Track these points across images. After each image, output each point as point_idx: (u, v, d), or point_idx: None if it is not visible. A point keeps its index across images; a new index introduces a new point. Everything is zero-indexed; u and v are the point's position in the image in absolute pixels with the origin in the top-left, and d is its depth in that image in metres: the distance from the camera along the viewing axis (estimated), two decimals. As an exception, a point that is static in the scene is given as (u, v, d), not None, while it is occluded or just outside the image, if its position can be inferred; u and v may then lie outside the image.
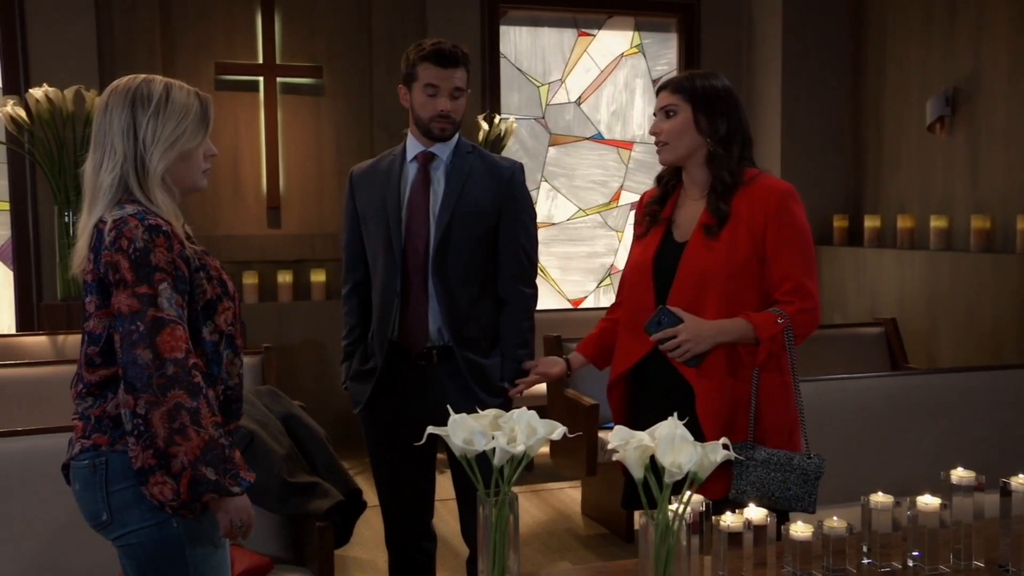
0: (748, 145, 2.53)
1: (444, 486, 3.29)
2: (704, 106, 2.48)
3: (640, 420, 2.57)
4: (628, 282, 2.64)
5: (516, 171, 2.95)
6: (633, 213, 6.83)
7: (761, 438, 2.43)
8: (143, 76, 2.04)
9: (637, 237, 2.66)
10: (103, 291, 1.93)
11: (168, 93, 2.01)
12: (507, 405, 2.88)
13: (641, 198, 2.74)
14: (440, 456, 3.50)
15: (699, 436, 2.09)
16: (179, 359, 1.87)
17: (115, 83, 2.04)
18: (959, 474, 1.97)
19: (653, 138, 2.58)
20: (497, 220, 2.89)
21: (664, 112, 2.53)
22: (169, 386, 1.85)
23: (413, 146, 2.91)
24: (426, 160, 2.89)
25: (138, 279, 1.88)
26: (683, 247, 2.49)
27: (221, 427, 1.92)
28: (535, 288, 3.01)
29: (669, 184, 2.62)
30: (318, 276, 6.10)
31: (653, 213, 2.61)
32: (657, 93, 2.59)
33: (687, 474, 1.59)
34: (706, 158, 2.50)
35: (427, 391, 2.89)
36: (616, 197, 6.95)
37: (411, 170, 2.90)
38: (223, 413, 2.02)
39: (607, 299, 6.95)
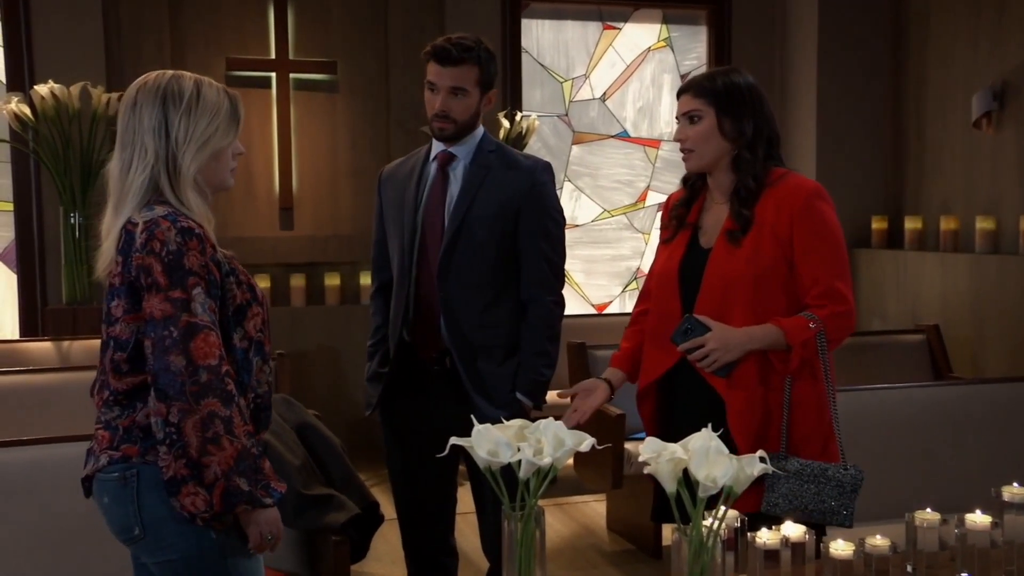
0: (775, 143, 2.53)
1: (463, 499, 3.29)
2: (729, 109, 2.48)
3: (671, 432, 2.56)
4: (654, 289, 2.64)
5: (539, 170, 2.93)
6: (660, 215, 6.87)
7: (794, 449, 2.42)
8: (171, 72, 2.06)
9: (663, 242, 2.67)
10: (133, 295, 1.95)
11: (199, 90, 2.03)
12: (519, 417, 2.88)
13: (667, 200, 2.74)
14: (462, 467, 3.50)
15: (730, 447, 2.08)
16: (213, 366, 1.89)
17: (142, 79, 2.05)
18: (1012, 490, 1.95)
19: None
20: (516, 222, 2.88)
21: (687, 118, 2.52)
22: (203, 394, 1.87)
23: (436, 146, 2.94)
24: (445, 160, 2.91)
25: (171, 283, 1.90)
26: (709, 253, 2.50)
27: (252, 436, 1.94)
28: (560, 297, 2.96)
29: (695, 186, 2.62)
30: (332, 280, 6.12)
31: (679, 217, 2.62)
32: (678, 96, 2.59)
33: (722, 488, 1.59)
34: (732, 163, 2.50)
35: (437, 398, 2.91)
36: (642, 198, 6.94)
37: (431, 171, 2.92)
38: (252, 422, 2.03)
39: (632, 304, 6.91)
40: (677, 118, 2.57)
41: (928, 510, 1.94)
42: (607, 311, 6.83)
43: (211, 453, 1.87)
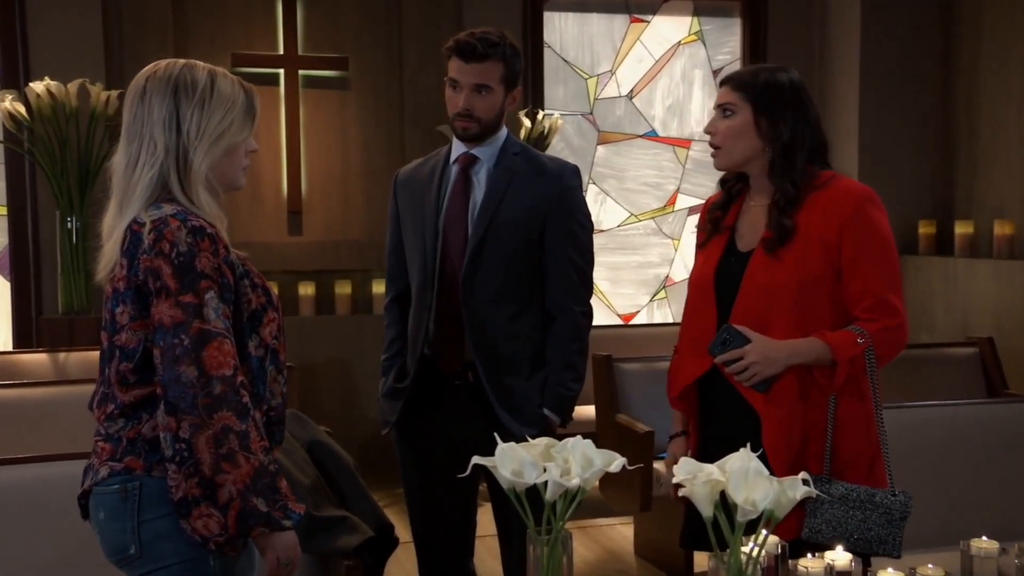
0: (820, 150, 2.50)
1: (481, 521, 3.28)
2: (767, 107, 2.46)
3: (702, 446, 2.57)
4: (689, 297, 2.63)
5: (567, 173, 2.93)
6: (690, 219, 6.91)
7: (838, 471, 2.40)
8: (183, 61, 2.03)
9: (699, 247, 2.66)
10: (140, 300, 1.92)
11: (213, 81, 2.01)
12: (546, 435, 2.87)
13: (705, 203, 2.73)
14: (482, 487, 3.49)
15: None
16: (227, 376, 1.86)
17: (152, 67, 2.03)
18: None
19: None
20: (542, 228, 2.88)
21: (721, 110, 2.52)
22: (216, 406, 1.84)
23: (456, 148, 2.93)
24: (467, 163, 2.90)
25: (182, 287, 1.87)
26: (747, 257, 2.48)
27: (268, 452, 1.91)
28: (588, 307, 2.97)
29: (734, 188, 2.61)
30: (343, 288, 6.13)
31: (715, 220, 2.60)
32: (720, 87, 2.58)
33: (761, 513, 1.58)
34: (767, 167, 2.49)
35: (459, 415, 2.90)
36: (672, 201, 6.92)
37: (452, 173, 2.92)
38: (266, 436, 2.00)
39: (661, 314, 6.92)
40: (714, 109, 2.56)
41: (984, 538, 1.92)
42: (634, 322, 6.81)
43: (225, 471, 1.83)
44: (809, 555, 1.85)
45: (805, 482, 1.62)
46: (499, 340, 2.86)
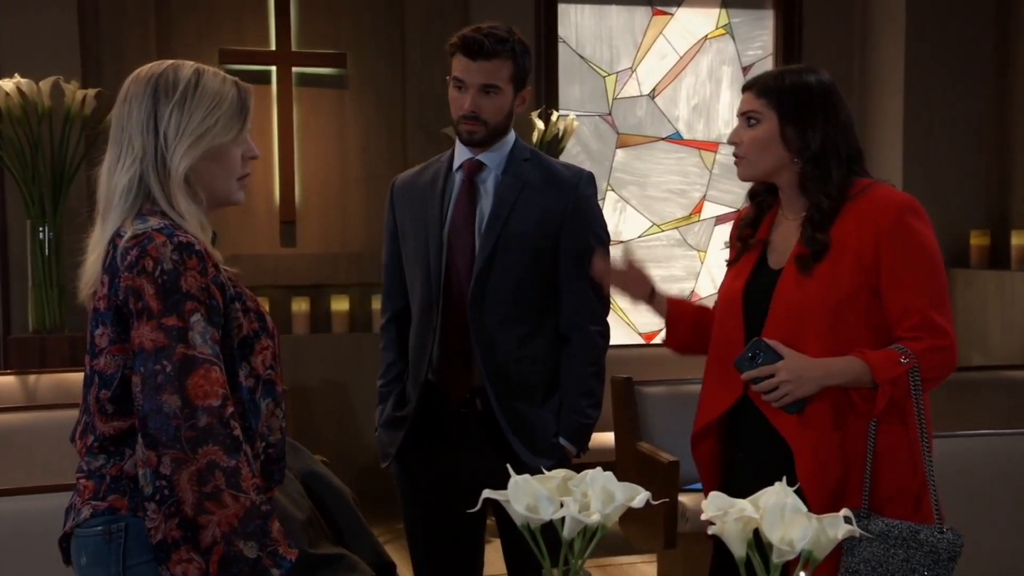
0: (855, 159, 2.51)
1: (490, 559, 3.28)
2: (794, 114, 2.47)
3: (731, 483, 2.55)
4: (718, 318, 2.63)
5: (583, 182, 2.94)
6: (718, 229, 6.91)
7: (879, 506, 2.39)
8: (171, 61, 2.05)
9: (729, 264, 2.67)
10: (120, 321, 1.91)
11: (199, 79, 2.01)
12: (563, 467, 2.86)
13: (736, 218, 2.74)
14: (489, 522, 3.49)
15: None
16: (213, 407, 1.84)
17: (138, 70, 2.05)
18: None
19: None
20: (556, 241, 2.89)
21: (745, 118, 2.53)
22: (201, 440, 1.82)
23: (460, 153, 2.93)
24: (473, 170, 2.91)
25: (166, 308, 1.86)
26: (778, 276, 2.49)
27: (262, 492, 1.90)
28: (606, 326, 2.98)
29: (764, 203, 2.63)
30: (340, 304, 6.13)
31: (744, 237, 2.62)
32: (742, 92, 2.59)
33: (799, 553, 1.57)
34: (798, 180, 2.49)
35: (466, 446, 2.90)
36: (697, 209, 6.93)
37: (456, 181, 2.92)
38: (262, 476, 1.99)
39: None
40: (738, 117, 2.58)
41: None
42: (656, 341, 6.80)
43: (209, 511, 1.81)
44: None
45: (847, 520, 1.62)
46: (511, 363, 2.87)
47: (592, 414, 2.93)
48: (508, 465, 1.75)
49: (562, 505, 1.65)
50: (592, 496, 1.66)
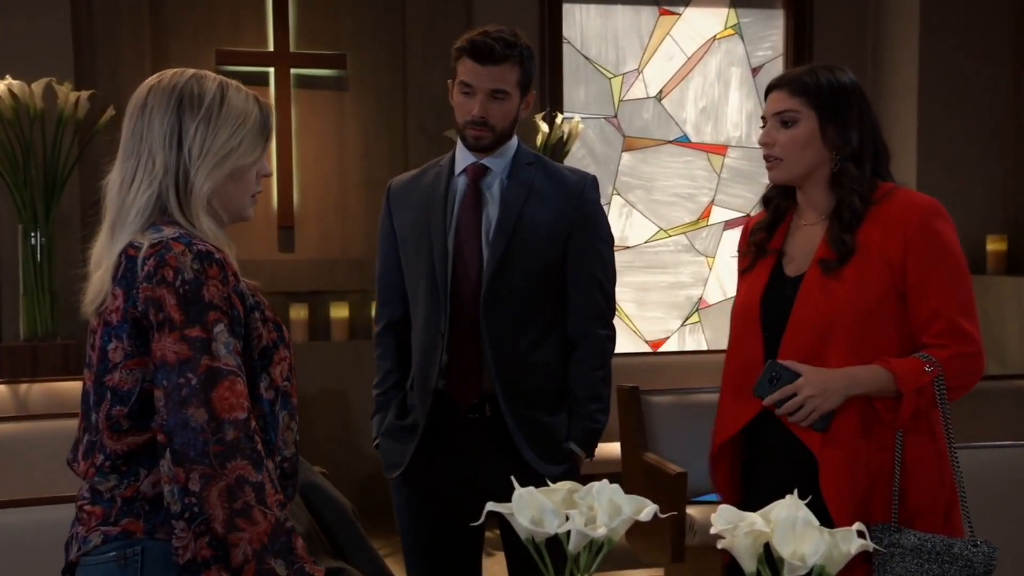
0: (883, 157, 2.52)
1: (493, 571, 3.27)
2: (833, 112, 2.47)
3: (752, 502, 2.54)
4: (734, 330, 2.63)
5: (588, 186, 2.97)
6: (726, 234, 6.90)
7: (908, 519, 2.39)
8: (192, 71, 2.02)
9: (742, 273, 2.66)
10: (138, 335, 1.88)
11: (224, 94, 2.00)
12: (573, 473, 2.90)
13: (746, 224, 2.73)
14: (490, 534, 3.49)
15: (824, 519, 2.05)
16: (240, 420, 1.83)
17: (156, 77, 2.02)
18: None
19: (752, 141, 2.57)
20: (565, 247, 2.92)
21: (779, 119, 2.51)
22: (229, 455, 1.81)
23: (463, 157, 2.94)
24: (477, 174, 2.92)
25: (188, 319, 1.84)
26: (797, 283, 2.48)
27: (283, 508, 1.88)
28: (613, 330, 3.02)
29: (779, 208, 2.62)
30: (339, 311, 6.14)
31: (759, 243, 2.61)
32: (767, 93, 2.58)
33: (811, 569, 1.57)
34: (830, 178, 2.49)
35: (473, 453, 2.92)
36: (706, 214, 6.93)
37: (460, 186, 2.93)
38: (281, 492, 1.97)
39: (694, 341, 6.91)
40: (764, 118, 2.57)
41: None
42: (663, 349, 6.81)
43: (241, 528, 1.79)
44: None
45: (860, 534, 1.61)
46: (522, 369, 2.89)
47: (602, 419, 2.97)
48: (513, 477, 1.74)
49: (567, 518, 1.65)
50: (598, 509, 1.66)
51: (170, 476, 1.82)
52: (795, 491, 1.67)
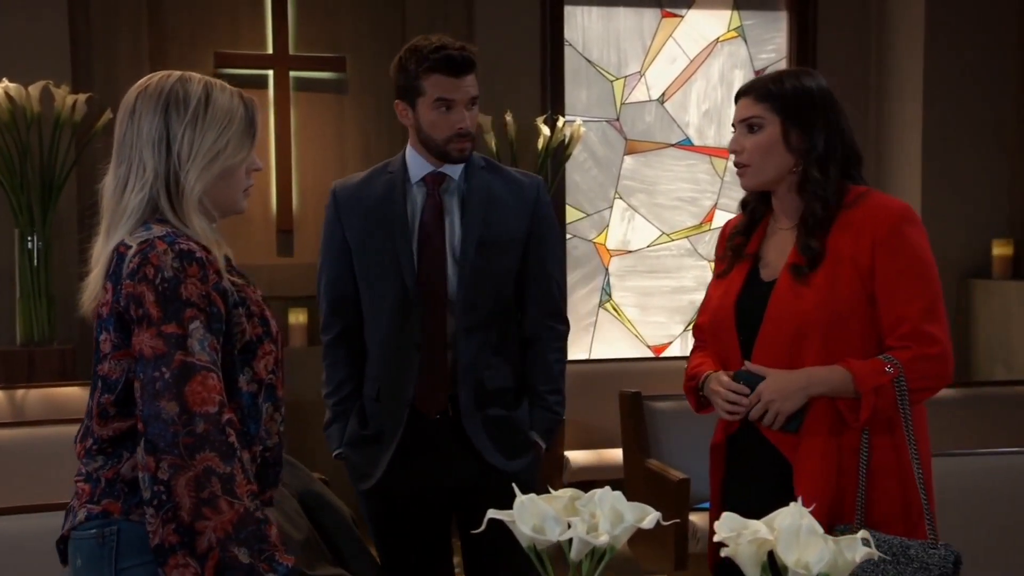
0: (853, 162, 2.55)
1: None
2: (797, 117, 2.50)
3: (730, 499, 2.60)
4: (709, 335, 2.67)
5: (540, 188, 3.06)
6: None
7: (872, 521, 2.41)
8: (178, 74, 2.10)
9: (717, 276, 2.69)
10: (122, 328, 1.98)
11: (208, 95, 2.07)
12: (535, 465, 3.03)
13: (723, 228, 2.76)
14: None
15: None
16: (210, 414, 1.91)
17: (144, 82, 2.09)
18: None
19: None
20: (525, 248, 3.00)
21: (746, 125, 2.55)
22: (198, 446, 1.89)
23: (417, 165, 2.98)
24: (435, 182, 2.96)
25: (165, 316, 1.93)
26: (771, 288, 2.51)
27: (257, 497, 1.95)
28: (567, 323, 3.13)
29: (756, 212, 2.65)
30: (338, 316, 6.11)
31: (736, 247, 2.64)
32: (736, 100, 2.61)
33: (815, 576, 1.57)
34: (798, 184, 2.52)
35: (440, 457, 2.97)
36: (708, 218, 6.93)
37: (418, 195, 2.97)
38: (258, 480, 2.05)
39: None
40: (733, 126, 2.60)
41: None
42: (666, 354, 6.80)
43: (206, 517, 1.88)
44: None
45: (865, 542, 1.62)
46: (485, 369, 2.96)
47: (560, 411, 3.07)
48: (486, 479, 1.77)
49: (569, 526, 1.65)
50: (600, 516, 1.67)
51: (143, 464, 1.92)
52: (800, 500, 1.67)
